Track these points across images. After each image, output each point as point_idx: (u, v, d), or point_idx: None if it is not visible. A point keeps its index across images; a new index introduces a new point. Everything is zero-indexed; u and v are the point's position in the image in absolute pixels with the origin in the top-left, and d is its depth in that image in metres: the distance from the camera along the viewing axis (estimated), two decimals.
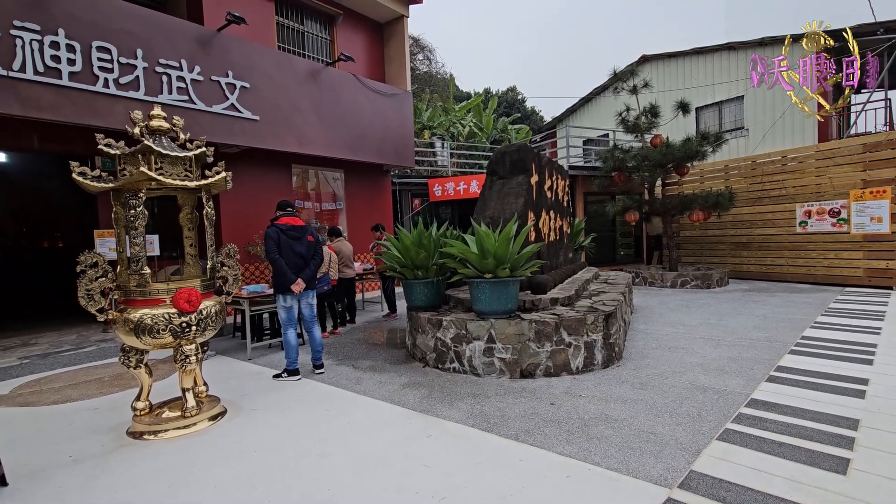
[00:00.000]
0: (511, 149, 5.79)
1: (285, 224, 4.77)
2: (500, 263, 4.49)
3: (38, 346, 6.24)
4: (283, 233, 4.72)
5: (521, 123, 21.95)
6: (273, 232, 4.70)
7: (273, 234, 4.68)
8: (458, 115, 16.48)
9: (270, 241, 4.67)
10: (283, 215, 4.86)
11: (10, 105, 5.18)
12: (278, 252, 4.67)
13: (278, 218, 4.83)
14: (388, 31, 10.94)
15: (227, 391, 4.48)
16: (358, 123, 9.16)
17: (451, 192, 12.11)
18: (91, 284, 3.37)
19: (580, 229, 8.84)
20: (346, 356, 5.69)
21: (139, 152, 3.37)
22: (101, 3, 6.00)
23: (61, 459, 3.23)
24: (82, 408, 4.26)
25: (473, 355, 4.71)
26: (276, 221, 4.79)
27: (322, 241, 6.83)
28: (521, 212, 5.26)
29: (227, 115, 7.10)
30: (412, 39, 20.01)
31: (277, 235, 4.69)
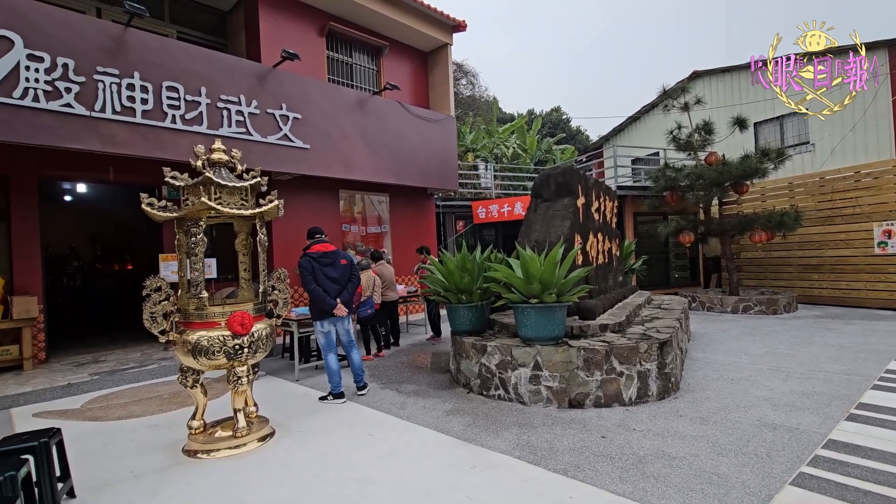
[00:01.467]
0: (556, 171, 5.71)
1: (317, 252, 4.86)
2: (546, 288, 4.37)
3: (106, 364, 6.68)
4: (316, 260, 4.81)
5: (566, 143, 21.71)
6: (306, 262, 4.78)
7: (306, 265, 4.77)
8: (501, 137, 16.57)
9: (305, 272, 4.75)
10: (314, 243, 4.94)
11: (91, 142, 5.70)
12: (314, 280, 4.76)
13: (310, 246, 4.93)
14: (432, 60, 11.24)
15: (276, 412, 4.57)
16: (403, 148, 9.39)
17: (494, 214, 12.08)
18: (155, 307, 3.58)
19: (630, 251, 8.53)
20: (389, 380, 5.70)
21: (201, 184, 3.59)
22: (172, 47, 6.55)
23: (123, 474, 3.39)
24: (143, 424, 4.48)
25: (519, 382, 4.58)
26: (308, 250, 4.89)
27: (365, 265, 6.98)
28: (567, 235, 5.13)
29: (280, 144, 7.47)
30: (456, 65, 20.47)
31: (310, 265, 4.78)
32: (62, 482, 2.99)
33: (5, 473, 2.25)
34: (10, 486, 2.24)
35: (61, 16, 5.67)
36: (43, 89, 5.35)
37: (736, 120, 10.49)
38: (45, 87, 5.36)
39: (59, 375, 6.04)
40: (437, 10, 10.26)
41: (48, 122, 5.39)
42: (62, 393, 5.49)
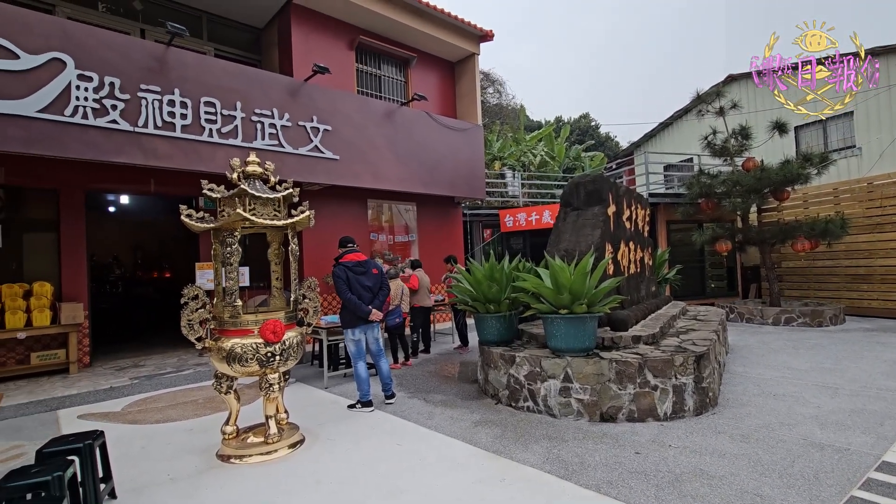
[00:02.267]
0: (586, 179, 5.62)
1: (350, 261, 4.93)
2: (577, 299, 4.29)
3: (145, 368, 6.93)
4: (350, 269, 4.87)
5: (595, 150, 21.42)
6: (341, 272, 4.85)
7: (342, 274, 4.84)
8: (528, 145, 16.48)
9: (341, 281, 4.81)
10: (347, 252, 5.01)
11: (134, 155, 5.98)
12: (349, 290, 4.82)
13: (342, 255, 5.00)
14: (459, 70, 11.32)
15: (305, 419, 4.62)
16: (430, 158, 9.45)
17: (522, 222, 11.99)
18: (192, 315, 3.69)
19: (663, 260, 8.29)
20: (417, 389, 5.69)
21: (236, 195, 3.71)
22: (209, 64, 6.82)
23: (160, 477, 3.49)
24: (179, 428, 4.61)
25: (548, 394, 4.49)
26: (341, 259, 4.96)
27: (394, 274, 7.04)
28: (597, 244, 5.03)
29: (311, 156, 7.65)
30: (482, 74, 20.54)
31: (345, 274, 4.84)
32: (104, 483, 3.10)
33: (54, 474, 2.35)
34: (57, 486, 2.33)
35: (109, 38, 5.99)
36: (91, 107, 5.65)
37: (775, 124, 10.11)
38: (94, 105, 5.67)
39: (102, 379, 6.30)
40: (464, 21, 10.35)
41: (95, 137, 5.68)
42: (104, 396, 5.72)
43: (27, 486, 2.29)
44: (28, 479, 2.31)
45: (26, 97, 5.24)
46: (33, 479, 2.31)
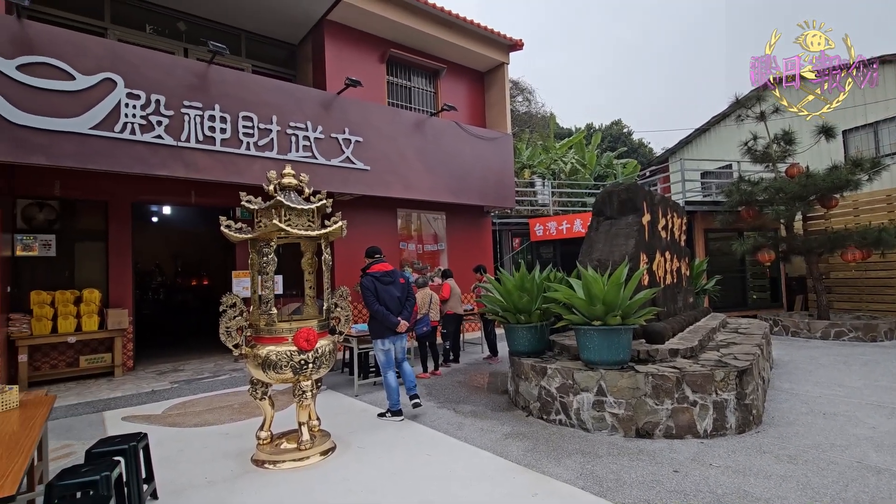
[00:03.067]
0: (619, 188, 5.51)
1: (378, 272, 4.96)
2: (610, 310, 4.19)
3: (184, 373, 7.17)
4: (378, 280, 4.91)
5: (627, 157, 20.99)
6: (369, 283, 4.88)
7: (370, 285, 4.87)
8: (559, 153, 16.32)
9: (369, 293, 4.84)
10: (374, 262, 5.04)
11: (177, 169, 6.25)
12: (377, 301, 4.85)
13: (370, 266, 5.04)
14: (488, 79, 11.36)
15: (337, 426, 4.66)
16: (459, 167, 9.49)
17: (553, 231, 11.84)
18: (230, 322, 3.81)
19: (701, 271, 8.01)
20: (447, 399, 5.66)
21: (272, 207, 3.82)
22: (248, 81, 7.09)
23: (198, 480, 3.59)
24: (216, 432, 4.74)
25: (581, 408, 4.38)
26: (369, 270, 4.99)
27: (422, 283, 7.08)
28: (632, 254, 4.91)
29: (343, 166, 7.81)
30: (512, 83, 20.55)
31: (373, 285, 4.87)
32: (147, 484, 3.21)
33: (102, 473, 2.45)
34: (105, 486, 2.43)
35: (155, 58, 6.32)
36: (139, 123, 5.96)
37: (821, 128, 9.66)
38: (141, 122, 5.97)
39: (144, 382, 6.55)
40: (493, 31, 10.40)
41: (142, 152, 5.98)
42: (146, 399, 5.95)
43: (77, 484, 2.40)
44: (78, 478, 2.42)
45: (81, 115, 5.58)
46: (83, 478, 2.41)
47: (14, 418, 2.90)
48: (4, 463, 2.18)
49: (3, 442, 2.45)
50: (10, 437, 2.53)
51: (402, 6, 9.04)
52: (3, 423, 2.78)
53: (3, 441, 2.47)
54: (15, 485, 1.94)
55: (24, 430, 2.65)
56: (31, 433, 2.59)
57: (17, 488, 1.92)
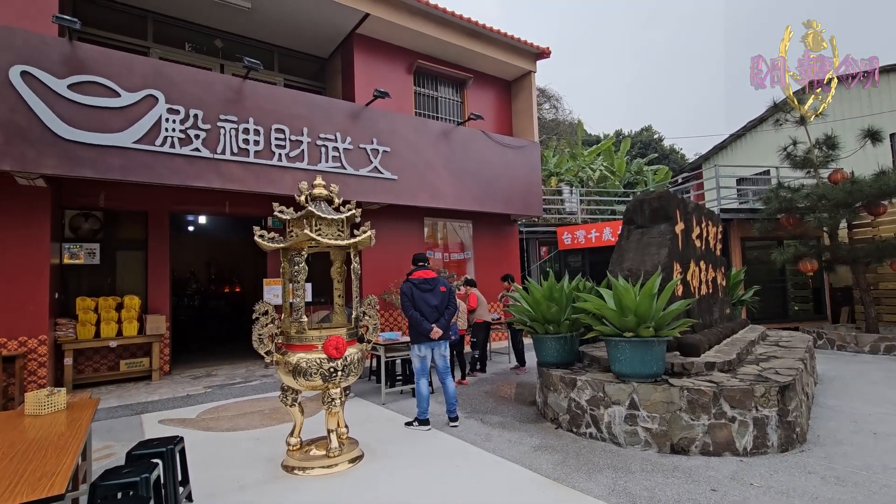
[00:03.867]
0: (650, 196, 5.39)
1: (418, 278, 5.01)
2: (642, 322, 4.08)
3: (217, 378, 7.36)
4: (416, 287, 4.95)
5: (658, 164, 20.55)
6: (407, 288, 4.95)
7: (407, 291, 4.93)
8: (587, 160, 16.11)
9: (405, 298, 4.91)
10: (417, 269, 5.11)
11: (212, 180, 6.48)
12: (413, 306, 4.88)
13: (413, 272, 5.09)
14: (515, 88, 11.36)
15: (364, 434, 4.68)
16: (486, 176, 9.49)
17: (581, 240, 11.67)
18: (262, 329, 3.89)
19: (738, 281, 7.72)
20: (474, 409, 5.61)
21: (304, 217, 3.90)
22: (280, 94, 7.31)
23: (231, 484, 3.66)
24: (247, 437, 4.83)
25: (613, 421, 4.27)
26: (411, 276, 5.06)
27: (456, 291, 7.09)
28: (664, 264, 4.78)
29: (371, 176, 7.93)
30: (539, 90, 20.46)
31: (411, 291, 4.92)
32: (183, 486, 3.30)
33: (141, 475, 2.53)
34: (145, 487, 2.51)
35: (194, 74, 6.59)
36: (178, 137, 6.21)
37: (867, 132, 9.22)
38: (180, 135, 6.23)
39: (180, 387, 6.76)
40: (520, 40, 10.41)
41: (181, 164, 6.23)
42: (181, 403, 6.13)
43: (119, 485, 2.49)
44: (120, 479, 2.50)
45: (125, 130, 5.86)
46: (124, 479, 2.50)
47: (61, 420, 3.03)
48: (53, 463, 2.28)
49: (53, 443, 2.57)
50: (59, 438, 2.65)
51: (430, 18, 9.16)
52: (52, 425, 2.91)
53: (52, 442, 2.58)
54: (63, 484, 2.02)
55: (71, 432, 2.77)
56: (78, 434, 2.71)
57: (66, 488, 2.01)
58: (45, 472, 2.16)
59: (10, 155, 5.20)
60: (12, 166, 5.22)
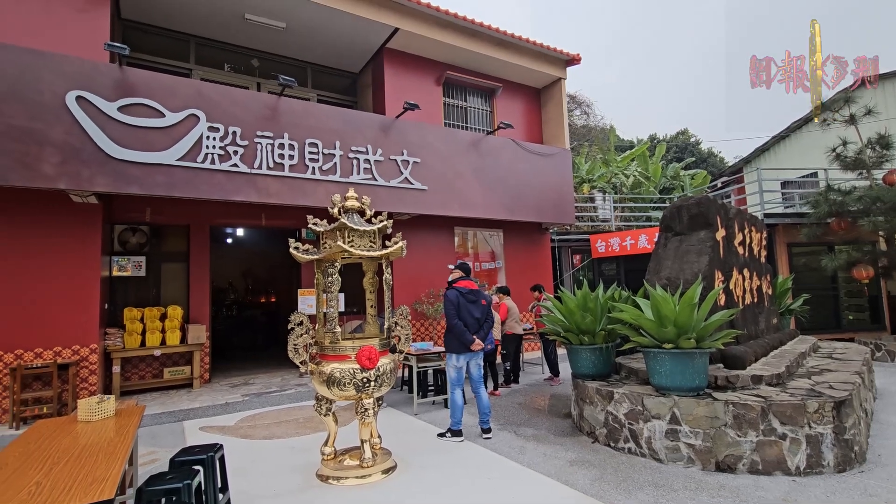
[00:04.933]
0: (689, 202, 5.21)
1: (464, 288, 4.99)
2: (683, 332, 3.92)
3: (254, 386, 7.54)
4: (463, 296, 4.93)
5: (696, 168, 19.89)
6: (453, 296, 4.91)
7: (453, 298, 4.90)
8: (620, 166, 15.77)
9: (451, 305, 4.86)
10: (462, 279, 5.09)
11: (250, 194, 6.70)
12: (458, 315, 4.85)
13: (457, 281, 5.07)
14: (545, 95, 11.29)
15: (397, 445, 4.67)
16: (516, 184, 9.43)
17: (615, 247, 11.40)
18: (297, 340, 3.97)
19: (786, 289, 7.34)
20: (507, 421, 5.52)
21: (337, 229, 3.97)
22: (314, 110, 7.52)
23: (268, 492, 3.72)
24: (283, 445, 4.91)
25: (653, 436, 4.11)
26: (455, 284, 5.03)
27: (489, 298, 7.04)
28: (705, 272, 4.60)
29: (401, 187, 8.01)
30: (569, 97, 20.26)
31: (457, 299, 4.89)
32: (222, 493, 3.37)
33: (184, 481, 2.60)
34: (187, 493, 2.58)
35: (232, 93, 6.87)
36: (218, 154, 6.46)
37: None
38: (219, 152, 6.48)
39: (219, 395, 6.96)
40: (549, 47, 10.35)
41: (220, 180, 6.48)
42: (221, 410, 6.30)
43: (163, 491, 2.57)
44: (164, 484, 2.58)
45: (169, 148, 6.14)
46: (168, 485, 2.58)
47: (111, 426, 3.17)
48: (104, 468, 2.38)
49: (103, 448, 2.68)
50: (108, 444, 2.76)
51: (459, 30, 9.25)
52: (102, 431, 3.05)
53: (102, 447, 2.70)
54: (113, 489, 2.11)
55: (119, 438, 2.89)
56: (125, 440, 2.82)
57: (115, 493, 2.09)
58: (95, 478, 2.25)
59: (66, 174, 5.54)
60: (67, 185, 5.56)
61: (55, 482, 2.21)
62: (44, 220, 6.07)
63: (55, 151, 5.50)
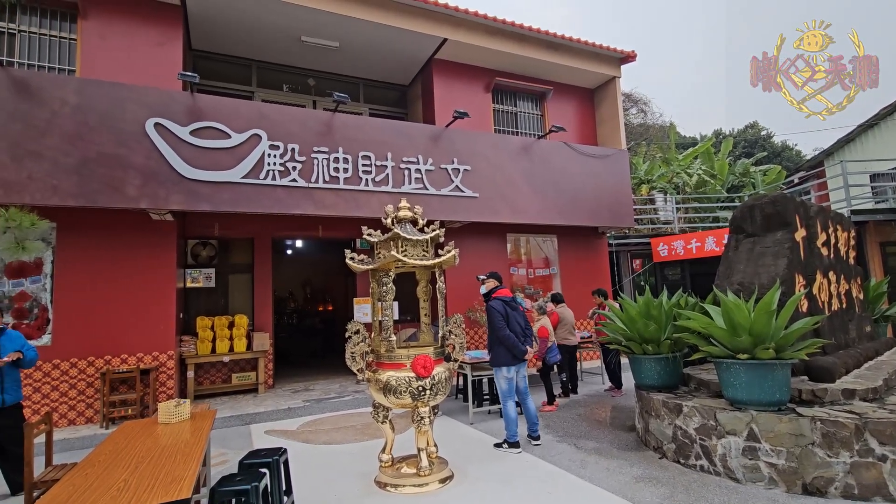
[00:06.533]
0: (762, 200, 4.82)
1: (507, 297, 4.91)
2: (760, 342, 3.62)
3: (314, 392, 7.80)
4: (507, 305, 4.84)
5: (768, 164, 18.46)
6: (500, 307, 4.78)
7: (500, 309, 4.76)
8: (682, 164, 14.96)
9: (499, 317, 4.72)
10: (499, 288, 4.99)
11: (307, 207, 6.98)
12: (507, 326, 4.73)
13: (496, 290, 4.98)
14: (599, 95, 10.96)
15: (452, 454, 4.63)
16: (570, 188, 9.19)
17: (679, 251, 10.79)
18: (354, 348, 4.06)
19: (880, 293, 6.61)
20: (566, 433, 5.34)
21: (390, 239, 4.03)
22: (365, 124, 7.74)
23: (329, 496, 3.81)
24: (342, 451, 5.02)
25: (728, 454, 3.81)
26: (495, 294, 4.94)
27: (543, 307, 6.86)
28: (783, 276, 4.22)
29: (452, 195, 8.04)
30: (624, 95, 19.56)
31: (504, 309, 4.78)
32: (287, 496, 3.49)
33: (252, 483, 2.72)
34: (255, 495, 2.69)
35: (291, 112, 7.22)
36: (278, 170, 6.80)
37: None
38: (280, 168, 6.81)
39: (282, 400, 7.25)
40: (602, 46, 10.06)
41: (280, 194, 6.80)
42: (284, 415, 6.56)
43: (233, 491, 2.69)
44: (234, 485, 2.72)
45: (234, 167, 6.54)
46: (237, 486, 2.71)
47: (186, 428, 3.37)
48: (181, 468, 2.53)
49: (181, 449, 2.85)
50: (185, 445, 2.94)
51: (508, 35, 9.20)
52: (179, 433, 3.25)
53: (180, 449, 2.88)
54: (189, 489, 2.23)
55: (194, 440, 3.06)
56: (200, 443, 2.98)
57: (191, 492, 2.22)
58: (174, 477, 2.40)
59: (147, 195, 6.04)
60: (148, 205, 6.05)
61: (140, 480, 2.38)
62: (127, 238, 6.64)
63: (137, 174, 6.01)
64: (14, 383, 4.11)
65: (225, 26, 7.88)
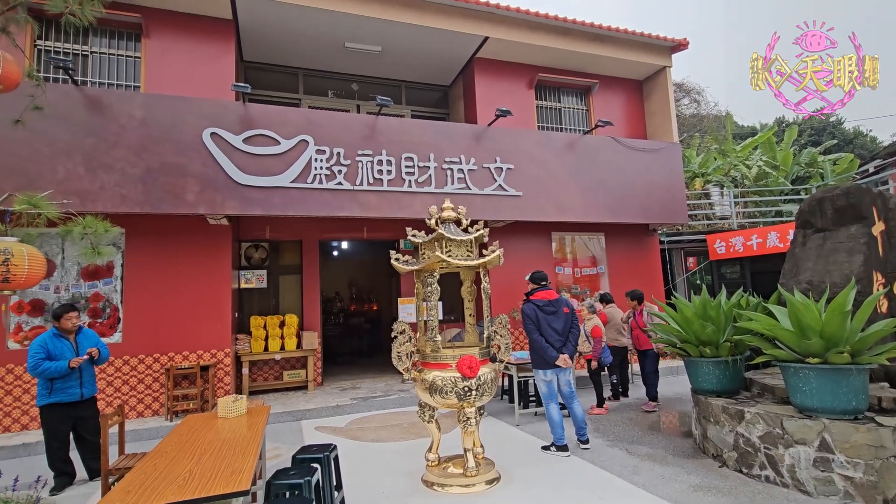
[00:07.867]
0: (833, 192, 4.45)
1: (541, 300, 4.76)
2: (832, 345, 3.34)
3: (361, 390, 7.96)
4: (541, 309, 4.71)
5: (839, 152, 17.04)
6: (531, 310, 4.71)
7: (531, 313, 4.69)
8: (740, 156, 14.11)
9: (529, 321, 4.68)
10: (539, 289, 4.86)
11: (353, 209, 7.14)
12: (537, 330, 4.66)
13: (533, 292, 4.87)
14: (648, 87, 10.54)
15: (499, 455, 4.58)
16: (618, 184, 8.89)
17: (738, 247, 10.19)
18: (400, 348, 4.10)
19: None
20: (617, 437, 5.16)
21: (434, 239, 4.05)
22: (408, 126, 7.82)
23: (378, 493, 3.87)
24: (389, 449, 5.09)
25: (797, 464, 3.55)
26: (531, 297, 4.84)
27: (593, 306, 6.67)
28: (859, 274, 3.88)
29: (495, 194, 7.98)
30: (675, 86, 18.69)
31: (535, 314, 4.69)
32: (337, 491, 3.57)
33: (305, 478, 2.81)
34: (308, 489, 2.78)
35: (336, 117, 7.41)
36: (324, 174, 7.00)
37: None
38: (326, 172, 7.01)
39: (330, 397, 7.45)
40: (650, 35, 9.66)
41: (327, 198, 6.99)
42: (332, 412, 6.74)
43: (287, 485, 2.79)
44: (288, 479, 2.81)
45: (283, 172, 6.79)
46: (292, 479, 2.80)
47: (243, 423, 3.53)
48: (240, 461, 2.65)
49: (239, 443, 2.99)
50: (243, 440, 3.08)
51: (551, 30, 9.02)
52: (237, 427, 3.40)
53: (238, 443, 3.01)
54: (248, 481, 2.34)
55: (251, 434, 3.20)
56: (256, 437, 3.11)
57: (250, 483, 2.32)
58: (234, 469, 2.52)
59: (205, 201, 6.38)
60: (206, 210, 6.40)
61: (203, 471, 2.51)
62: (187, 242, 7.04)
63: (195, 181, 6.37)
64: (91, 378, 4.46)
65: (273, 38, 8.20)
